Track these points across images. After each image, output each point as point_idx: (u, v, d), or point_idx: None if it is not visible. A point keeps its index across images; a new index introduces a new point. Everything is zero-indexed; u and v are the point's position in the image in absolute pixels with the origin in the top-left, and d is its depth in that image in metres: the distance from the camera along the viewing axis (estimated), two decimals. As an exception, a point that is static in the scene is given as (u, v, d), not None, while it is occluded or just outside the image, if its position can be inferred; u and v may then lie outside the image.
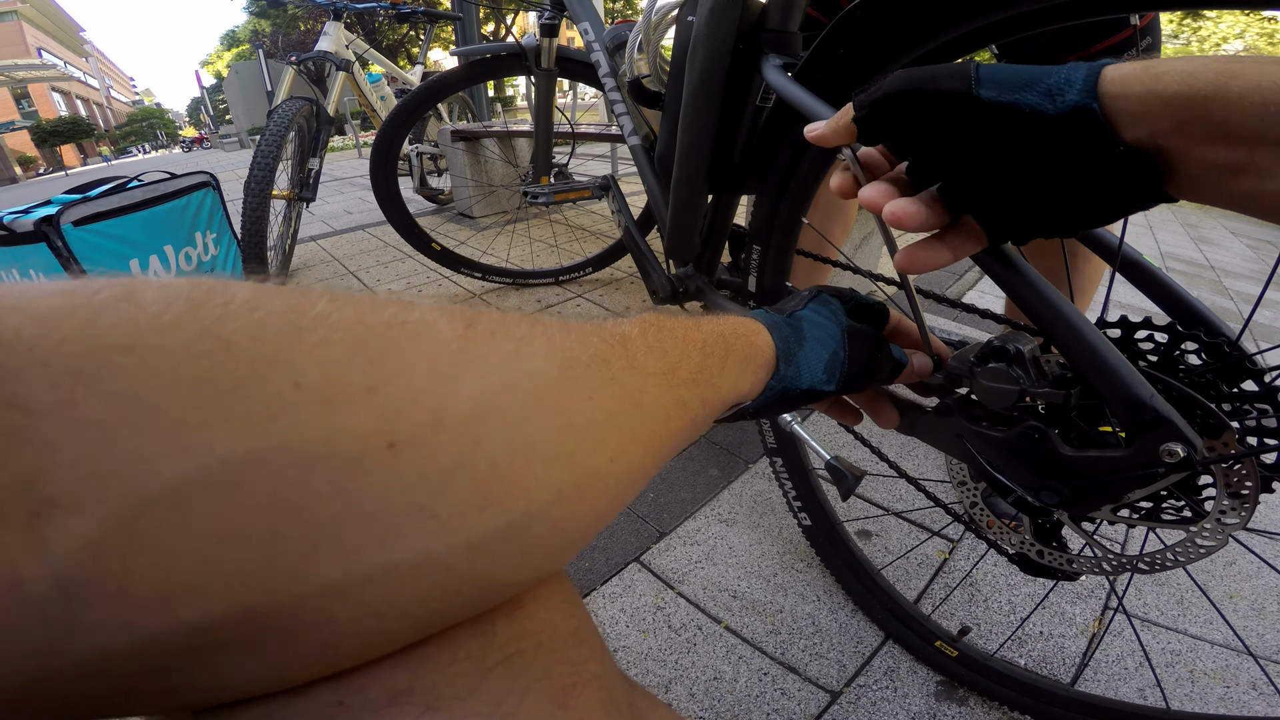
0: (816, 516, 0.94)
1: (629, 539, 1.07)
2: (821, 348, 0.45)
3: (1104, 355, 0.42)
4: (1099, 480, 0.45)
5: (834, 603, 0.96)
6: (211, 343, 0.15)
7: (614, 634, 0.91)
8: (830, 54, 0.60)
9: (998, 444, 0.49)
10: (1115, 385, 0.41)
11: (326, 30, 2.41)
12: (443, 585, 0.19)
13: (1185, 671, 0.89)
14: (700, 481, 1.22)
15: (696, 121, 0.78)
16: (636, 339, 0.30)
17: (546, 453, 0.21)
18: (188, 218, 2.18)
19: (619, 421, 0.25)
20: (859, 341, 0.47)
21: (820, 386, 0.44)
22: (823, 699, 0.84)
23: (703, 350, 0.35)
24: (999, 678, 0.80)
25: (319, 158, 2.30)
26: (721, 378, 0.36)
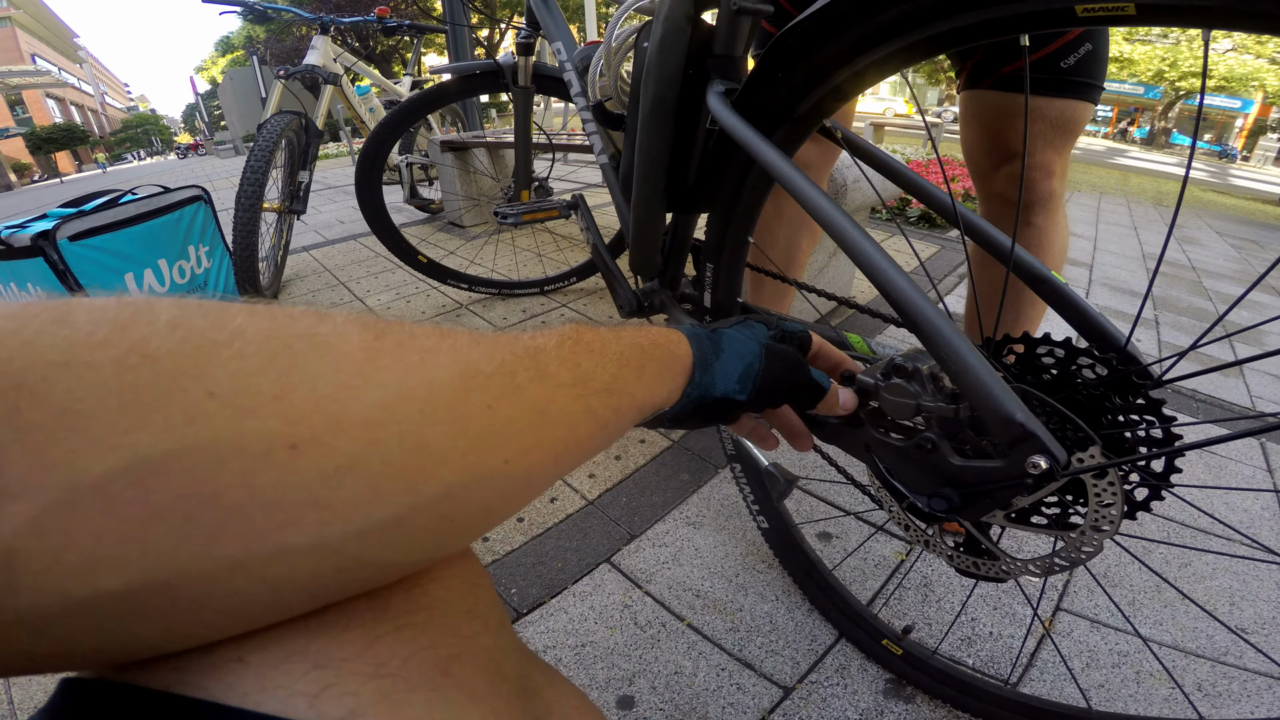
0: (773, 520, 0.99)
1: (601, 541, 1.12)
2: (738, 360, 0.48)
3: (977, 373, 0.46)
4: (984, 489, 0.50)
5: (791, 602, 1.01)
6: (137, 359, 0.18)
7: (583, 630, 0.96)
8: (765, 79, 0.64)
9: (898, 453, 0.54)
10: (987, 401, 0.46)
11: (314, 44, 2.46)
12: (335, 565, 0.22)
13: (1131, 672, 0.92)
14: (672, 486, 1.27)
15: (651, 145, 0.82)
16: (551, 351, 0.32)
17: (438, 455, 0.24)
18: (180, 231, 2.22)
19: (519, 428, 0.28)
20: (775, 359, 0.50)
21: (733, 396, 0.47)
22: (776, 694, 0.88)
23: (619, 361, 0.37)
24: (941, 676, 0.84)
25: (309, 170, 2.35)
26: (638, 386, 0.38)
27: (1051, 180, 1.00)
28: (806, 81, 0.61)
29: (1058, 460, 0.45)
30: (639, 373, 0.39)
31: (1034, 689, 0.90)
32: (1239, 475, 1.45)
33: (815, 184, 0.57)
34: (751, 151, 0.62)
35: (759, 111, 0.66)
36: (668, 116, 0.79)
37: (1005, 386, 0.46)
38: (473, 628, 0.28)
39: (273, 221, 2.38)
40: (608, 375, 0.36)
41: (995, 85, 0.97)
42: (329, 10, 14.86)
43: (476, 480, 0.26)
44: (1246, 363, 0.47)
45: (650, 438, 1.42)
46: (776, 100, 0.64)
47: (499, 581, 1.04)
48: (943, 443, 0.51)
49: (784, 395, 0.52)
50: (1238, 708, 0.88)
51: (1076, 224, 4.86)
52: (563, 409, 0.31)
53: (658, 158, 0.82)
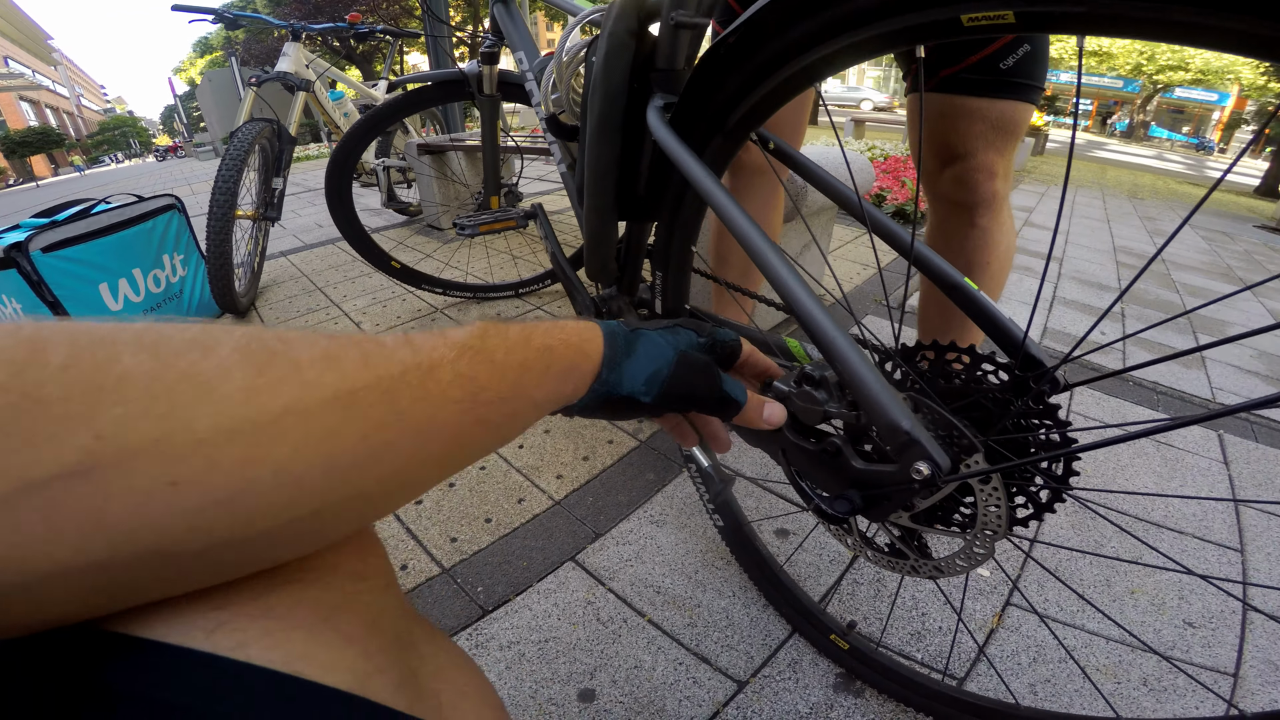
0: (727, 517, 1.02)
1: (566, 540, 1.16)
2: (649, 363, 0.48)
3: (868, 383, 0.49)
4: (882, 492, 0.53)
5: (748, 598, 1.05)
6: (30, 404, 0.21)
7: (546, 626, 0.99)
8: (698, 92, 0.66)
9: (808, 456, 0.57)
10: (876, 409, 0.49)
11: (285, 51, 2.47)
12: (215, 572, 0.27)
13: (1077, 667, 0.95)
14: (637, 485, 1.30)
15: (599, 157, 0.85)
16: (446, 367, 0.33)
17: (310, 486, 0.27)
18: (154, 240, 2.23)
19: (396, 451, 0.30)
20: (687, 368, 0.50)
21: (638, 397, 0.47)
22: (730, 688, 0.91)
23: (521, 368, 0.38)
24: (885, 671, 0.87)
25: (283, 177, 2.36)
26: (538, 389, 0.40)
27: (994, 181, 1.03)
28: (735, 93, 0.63)
29: (939, 466, 0.48)
30: (541, 376, 0.40)
31: (981, 684, 0.92)
32: (1194, 468, 1.49)
33: (734, 199, 0.60)
34: (677, 163, 0.65)
35: (694, 124, 0.69)
36: (614, 129, 0.81)
37: (895, 395, 0.49)
38: (357, 587, 0.33)
39: (248, 228, 2.39)
40: (506, 385, 0.36)
41: (937, 88, 0.99)
42: (307, 15, 14.75)
43: (348, 500, 0.29)
44: (1141, 368, 0.50)
45: (618, 439, 1.46)
46: (709, 112, 0.67)
47: (466, 580, 1.07)
48: (846, 447, 0.54)
49: (693, 403, 0.52)
50: (1182, 703, 0.90)
51: (1050, 218, 4.93)
52: (448, 424, 0.33)
53: (606, 169, 0.84)
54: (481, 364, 0.35)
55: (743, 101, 0.63)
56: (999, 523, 0.53)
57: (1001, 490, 0.52)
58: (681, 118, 0.69)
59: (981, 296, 0.64)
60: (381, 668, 0.31)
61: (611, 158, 0.83)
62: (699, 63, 0.63)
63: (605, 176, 0.86)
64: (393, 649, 0.33)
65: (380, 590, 0.35)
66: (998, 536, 0.54)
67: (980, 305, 0.64)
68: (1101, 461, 1.48)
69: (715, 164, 0.70)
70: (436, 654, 0.38)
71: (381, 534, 1.14)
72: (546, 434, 1.47)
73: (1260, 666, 0.96)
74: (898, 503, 0.54)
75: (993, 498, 0.53)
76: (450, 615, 1.01)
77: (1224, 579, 1.15)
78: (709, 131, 0.68)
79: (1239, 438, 1.69)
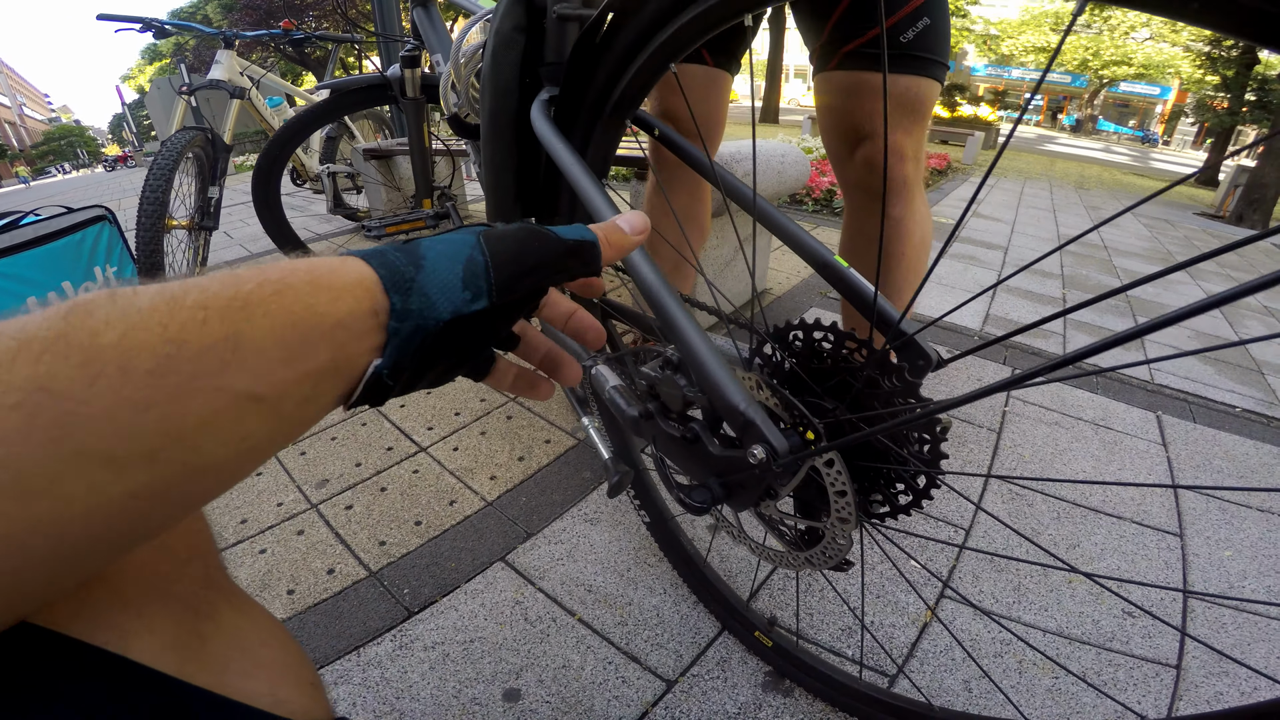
0: (652, 513, 1.02)
1: (497, 540, 1.14)
2: (450, 261, 0.34)
3: (708, 365, 0.48)
4: (736, 479, 0.52)
5: (678, 595, 1.04)
6: None
7: (472, 626, 0.98)
8: (576, 82, 0.67)
9: (676, 443, 0.57)
10: (716, 391, 0.48)
11: (218, 58, 2.42)
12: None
13: (1014, 661, 0.95)
14: (573, 484, 1.29)
15: (496, 154, 0.84)
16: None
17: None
18: (84, 253, 2.16)
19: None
20: (500, 239, 0.36)
21: (468, 308, 0.33)
22: (659, 687, 0.90)
23: (173, 345, 0.23)
24: (805, 668, 0.86)
25: (219, 185, 2.31)
26: (245, 372, 0.25)
27: (905, 165, 1.02)
28: (608, 80, 0.64)
29: (774, 448, 0.46)
30: (242, 348, 0.25)
31: (916, 679, 0.92)
32: (1133, 450, 1.53)
33: (600, 184, 0.59)
34: (549, 151, 0.65)
35: (575, 113, 0.69)
36: (506, 126, 0.81)
37: (731, 376, 0.48)
38: (154, 556, 0.33)
39: (184, 239, 2.33)
40: (134, 388, 0.22)
41: (839, 65, 0.99)
42: (259, 22, 14.44)
43: None
44: (1003, 339, 0.50)
45: (555, 438, 1.45)
46: (589, 100, 0.67)
47: (393, 583, 1.05)
48: (704, 433, 0.53)
49: (543, 274, 0.37)
50: (1124, 697, 0.90)
51: (998, 208, 5.05)
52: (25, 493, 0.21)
53: (504, 165, 0.84)
54: (62, 364, 0.21)
55: (615, 87, 0.64)
56: (848, 509, 0.52)
57: (845, 473, 0.51)
58: (564, 109, 0.70)
59: (851, 274, 0.63)
60: (153, 628, 0.30)
61: (507, 154, 0.83)
62: (571, 53, 0.64)
63: (504, 172, 0.85)
64: (179, 612, 0.33)
65: (181, 561, 0.35)
66: (851, 524, 0.53)
67: (850, 283, 0.63)
68: (1040, 446, 1.52)
69: (602, 151, 0.71)
70: (241, 626, 0.37)
71: (310, 539, 1.13)
72: (482, 435, 1.46)
73: (1203, 657, 0.97)
74: (754, 491, 0.52)
75: (838, 481, 0.51)
76: (375, 618, 0.99)
77: (1107, 576, 1.18)
78: (591, 119, 0.68)
79: (1177, 419, 1.74)
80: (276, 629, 0.41)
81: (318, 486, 1.28)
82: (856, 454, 0.55)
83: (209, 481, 0.26)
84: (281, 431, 0.28)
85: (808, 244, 0.66)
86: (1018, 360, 2.03)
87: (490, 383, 0.43)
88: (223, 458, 0.26)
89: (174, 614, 0.32)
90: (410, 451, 1.40)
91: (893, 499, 0.56)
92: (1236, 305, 3.15)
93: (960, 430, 1.57)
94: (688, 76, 1.17)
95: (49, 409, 0.21)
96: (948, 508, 1.26)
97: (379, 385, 0.32)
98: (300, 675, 0.39)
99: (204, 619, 0.34)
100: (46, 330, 0.22)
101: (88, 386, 0.21)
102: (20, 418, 0.20)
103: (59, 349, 0.21)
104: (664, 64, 0.60)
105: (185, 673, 0.31)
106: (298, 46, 2.65)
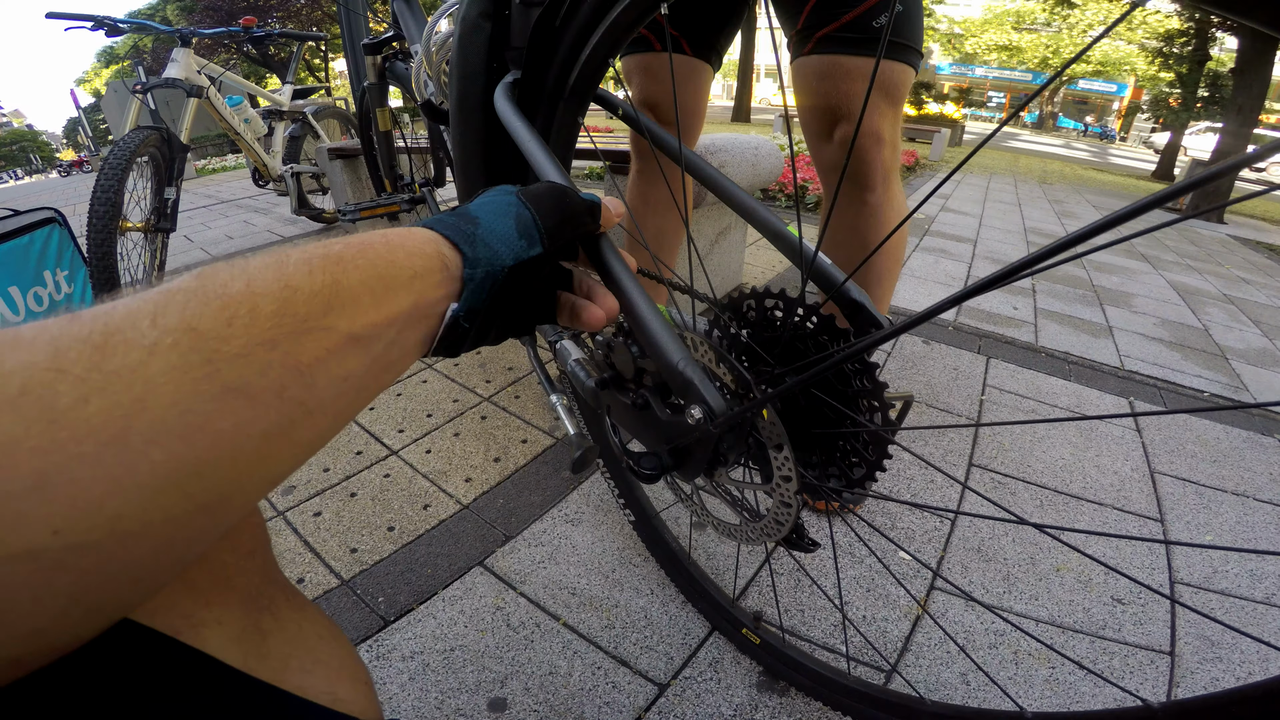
0: (637, 511, 0.99)
1: (474, 544, 1.10)
2: (502, 217, 0.40)
3: (647, 323, 0.46)
4: (683, 445, 0.50)
5: (666, 595, 1.01)
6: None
7: (452, 634, 0.94)
8: (537, 63, 0.66)
9: (630, 411, 0.55)
10: (657, 352, 0.46)
11: (174, 57, 2.33)
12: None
13: (1009, 653, 0.93)
14: (552, 484, 1.26)
15: (465, 138, 0.82)
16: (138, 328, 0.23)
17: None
18: (32, 256, 2.07)
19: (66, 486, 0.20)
20: (537, 196, 0.43)
21: (527, 253, 0.39)
22: (651, 691, 0.87)
23: (286, 292, 0.27)
24: (794, 665, 0.83)
25: (175, 187, 2.24)
26: (353, 316, 0.29)
27: (882, 149, 1.01)
28: (567, 58, 0.64)
29: (711, 407, 0.45)
30: (344, 298, 0.29)
31: (910, 675, 0.90)
32: (1108, 436, 1.54)
33: (558, 162, 0.58)
34: (510, 131, 0.64)
35: (538, 93, 0.68)
36: (473, 110, 0.79)
37: (673, 336, 0.46)
38: (218, 548, 0.33)
39: (139, 241, 2.25)
40: (263, 328, 0.25)
41: (815, 49, 0.99)
42: (220, 20, 14.14)
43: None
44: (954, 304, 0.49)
45: (532, 437, 1.41)
46: (551, 80, 0.66)
47: (366, 591, 1.00)
48: (654, 399, 0.51)
49: (576, 223, 0.44)
50: (1121, 684, 0.87)
51: (966, 203, 5.12)
52: (160, 420, 0.22)
53: (473, 149, 0.82)
54: (203, 308, 0.24)
55: (574, 66, 0.64)
56: (787, 464, 0.50)
57: (779, 424, 0.49)
58: (527, 91, 0.69)
59: (806, 246, 0.61)
60: (221, 619, 0.31)
61: (477, 138, 0.81)
62: (530, 36, 0.63)
63: (474, 156, 0.83)
64: (243, 605, 0.33)
65: (245, 554, 0.35)
66: (793, 483, 0.51)
67: (806, 256, 0.61)
68: (1018, 435, 1.52)
69: (566, 132, 0.71)
70: (300, 622, 0.38)
71: (278, 548, 1.08)
72: (456, 437, 1.41)
73: (1195, 643, 0.97)
74: (701, 458, 0.50)
75: (774, 435, 0.49)
76: (349, 627, 0.95)
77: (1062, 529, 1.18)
78: (553, 98, 0.68)
79: (1149, 404, 1.77)
80: (331, 627, 0.42)
81: (284, 494, 1.23)
82: (807, 422, 0.55)
83: (323, 423, 0.29)
84: (374, 374, 0.31)
85: (761, 215, 0.65)
86: (992, 349, 2.05)
87: (564, 321, 0.47)
88: (331, 397, 0.28)
89: (239, 607, 0.33)
90: (381, 455, 1.35)
91: (847, 469, 0.55)
92: (1196, 293, 3.23)
93: (939, 419, 1.57)
94: (666, 65, 1.15)
95: (198, 348, 0.23)
96: (933, 497, 1.25)
97: (456, 330, 0.37)
98: (356, 674, 0.40)
99: (265, 613, 0.35)
100: (186, 285, 0.25)
101: (226, 325, 0.24)
102: (178, 356, 0.23)
103: (200, 297, 0.25)
104: (622, 37, 0.59)
105: (249, 666, 0.31)
106: (258, 45, 2.58)
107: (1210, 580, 1.10)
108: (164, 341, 0.22)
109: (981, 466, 1.37)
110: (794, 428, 0.56)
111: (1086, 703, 0.87)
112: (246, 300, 0.26)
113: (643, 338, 0.47)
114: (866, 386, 0.51)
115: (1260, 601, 1.05)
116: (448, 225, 0.38)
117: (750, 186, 2.00)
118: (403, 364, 0.34)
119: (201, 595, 0.30)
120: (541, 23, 0.62)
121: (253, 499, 0.27)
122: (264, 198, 4.63)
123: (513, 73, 0.74)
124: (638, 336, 0.48)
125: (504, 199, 0.42)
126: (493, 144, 0.82)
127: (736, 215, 1.87)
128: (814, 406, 0.55)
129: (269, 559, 0.40)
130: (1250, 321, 2.84)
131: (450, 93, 0.80)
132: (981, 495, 0.93)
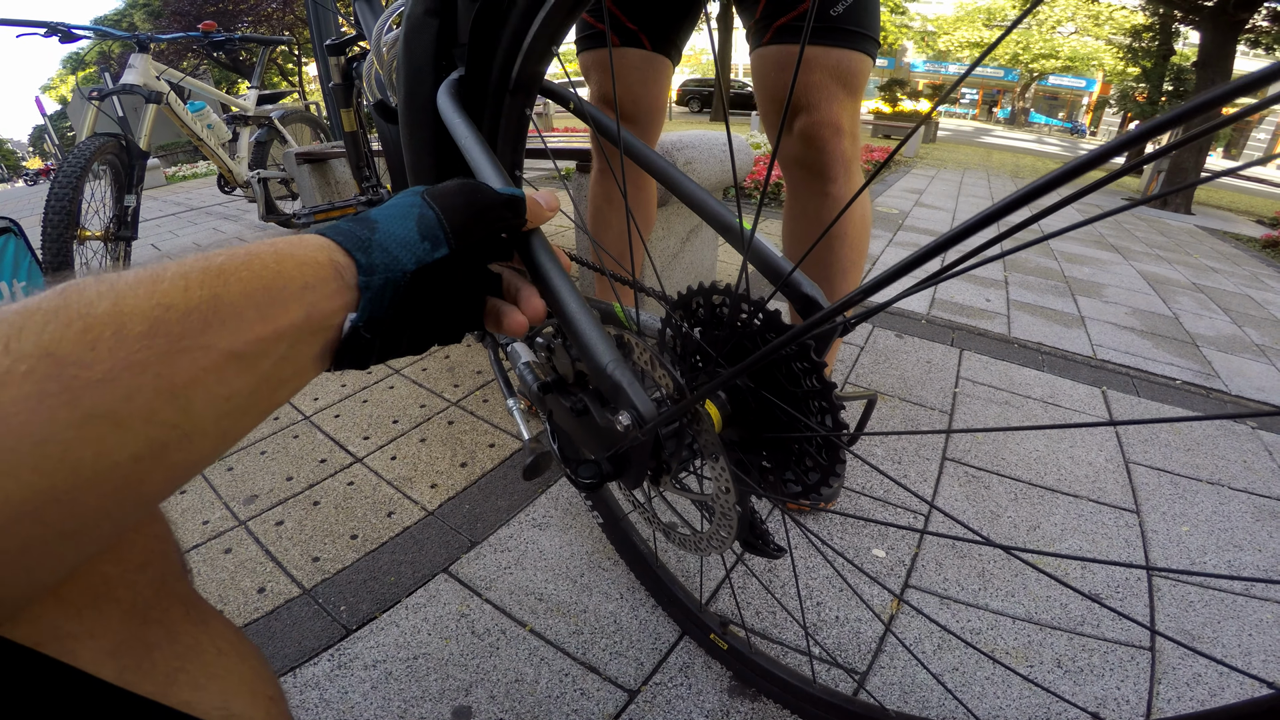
0: (605, 513, 0.97)
1: (439, 551, 1.08)
2: (402, 219, 0.38)
3: (577, 323, 0.45)
4: (624, 452, 0.48)
5: (635, 600, 0.99)
6: None
7: (415, 643, 0.92)
8: (479, 60, 0.65)
9: (571, 415, 0.53)
10: (588, 354, 0.45)
11: (132, 63, 2.28)
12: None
13: (986, 651, 0.92)
14: (519, 489, 1.23)
15: (414, 138, 0.80)
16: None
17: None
18: (-13, 267, 2.01)
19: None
20: (442, 195, 0.40)
21: (431, 256, 0.37)
22: (621, 698, 0.85)
23: (159, 310, 0.26)
24: (761, 671, 0.81)
25: (135, 194, 2.19)
26: (229, 333, 0.28)
27: (842, 139, 1.00)
28: (508, 52, 0.62)
29: (640, 413, 0.43)
30: (221, 313, 0.27)
31: (885, 677, 0.88)
32: (1082, 427, 1.54)
33: (494, 157, 0.56)
34: (448, 127, 0.62)
35: (483, 89, 0.66)
36: (422, 108, 0.77)
37: (603, 336, 0.45)
38: (98, 561, 0.32)
39: (99, 250, 2.20)
40: (128, 351, 0.24)
41: (773, 39, 0.98)
42: (187, 25, 13.92)
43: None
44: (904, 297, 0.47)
45: (500, 441, 1.39)
46: (495, 76, 0.65)
47: (328, 600, 0.98)
48: (593, 404, 0.50)
49: (490, 219, 0.41)
50: (1102, 683, 0.88)
51: (939, 198, 5.17)
52: (12, 451, 0.21)
53: (422, 149, 0.79)
54: (64, 331, 0.23)
55: (516, 55, 0.62)
56: (724, 482, 0.49)
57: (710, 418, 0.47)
58: (472, 86, 0.67)
59: (760, 240, 0.60)
60: (94, 632, 0.30)
61: (425, 137, 0.79)
62: (471, 31, 0.62)
63: (422, 154, 0.81)
64: (124, 618, 0.32)
65: (132, 567, 0.33)
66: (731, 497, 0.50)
67: (756, 248, 0.60)
68: (990, 426, 1.52)
69: (515, 122, 0.70)
70: (197, 635, 0.36)
71: (238, 557, 1.06)
72: (422, 442, 1.38)
73: (1177, 636, 0.95)
74: (641, 465, 0.48)
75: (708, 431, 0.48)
76: (311, 636, 0.92)
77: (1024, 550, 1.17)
78: (498, 93, 0.66)
79: (1122, 393, 1.78)
80: (237, 640, 0.40)
81: (246, 503, 1.20)
82: (759, 426, 0.53)
83: (204, 445, 0.28)
84: (264, 392, 0.30)
85: (712, 206, 0.63)
86: (965, 341, 2.05)
87: (490, 326, 0.45)
88: (212, 419, 0.27)
89: (119, 619, 0.31)
90: (345, 463, 1.32)
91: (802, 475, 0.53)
92: (1166, 282, 3.27)
93: (913, 413, 1.56)
94: (625, 60, 1.13)
95: (56, 374, 0.22)
96: (904, 495, 1.24)
97: (357, 341, 0.35)
98: (257, 689, 0.38)
99: (152, 626, 0.33)
100: (46, 304, 0.23)
101: (89, 350, 0.23)
102: (33, 384, 0.22)
103: (61, 318, 0.23)
104: (559, 30, 0.58)
105: (125, 680, 0.30)
106: (221, 49, 2.53)
107: (1189, 566, 1.10)
108: (17, 369, 0.22)
109: (955, 460, 1.36)
110: (748, 432, 0.54)
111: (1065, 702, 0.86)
112: (113, 321, 0.24)
113: (573, 339, 0.46)
114: (815, 386, 0.49)
115: (1239, 593, 1.05)
116: (341, 232, 0.36)
117: (720, 183, 1.99)
118: (298, 380, 0.33)
119: (72, 607, 0.29)
120: (482, 15, 0.60)
121: (126, 520, 0.27)
122: (234, 204, 4.56)
123: (459, 69, 0.72)
124: (569, 338, 0.46)
125: (406, 200, 0.40)
126: (443, 145, 0.80)
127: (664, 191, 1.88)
128: (766, 410, 0.53)
129: (169, 571, 0.38)
130: (1219, 309, 2.89)
131: (399, 92, 0.78)
132: (948, 515, 0.92)
